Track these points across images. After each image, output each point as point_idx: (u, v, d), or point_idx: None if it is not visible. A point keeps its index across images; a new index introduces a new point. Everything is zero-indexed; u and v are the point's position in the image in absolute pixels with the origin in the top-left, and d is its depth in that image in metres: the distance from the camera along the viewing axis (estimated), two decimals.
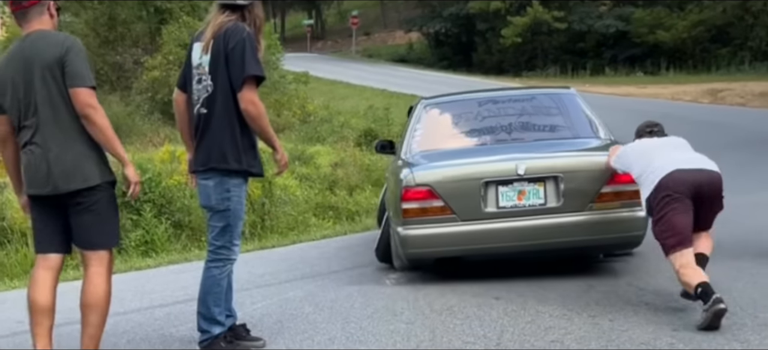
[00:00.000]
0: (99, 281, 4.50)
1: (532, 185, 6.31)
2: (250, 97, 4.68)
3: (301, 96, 22.88)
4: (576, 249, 6.60)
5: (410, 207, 6.39)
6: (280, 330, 5.41)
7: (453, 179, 6.44)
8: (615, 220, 6.23)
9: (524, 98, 7.82)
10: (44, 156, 4.37)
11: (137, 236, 9.51)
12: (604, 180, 6.24)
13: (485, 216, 6.33)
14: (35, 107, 4.36)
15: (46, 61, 4.34)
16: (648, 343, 4.65)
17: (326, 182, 13.51)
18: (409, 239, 6.43)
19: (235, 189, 4.82)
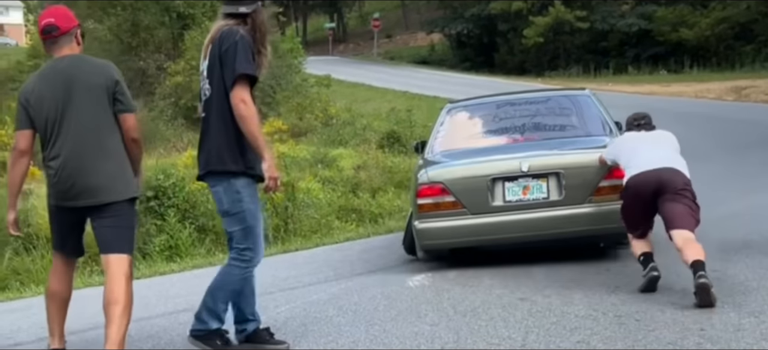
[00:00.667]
0: (120, 282, 4.68)
1: (535, 181, 6.91)
2: (241, 95, 4.66)
3: (324, 99, 22.90)
4: (577, 238, 7.11)
5: (425, 202, 7.07)
6: (304, 333, 5.41)
7: (463, 176, 7.09)
8: (613, 211, 6.59)
9: (540, 100, 8.48)
10: (78, 171, 4.64)
11: (161, 242, 9.55)
12: (602, 175, 6.80)
13: (493, 210, 6.94)
14: (70, 124, 4.65)
15: (90, 84, 4.68)
16: (675, 343, 4.60)
17: (349, 184, 13.50)
18: (424, 232, 7.11)
19: (244, 190, 4.79)
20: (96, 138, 4.67)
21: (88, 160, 4.64)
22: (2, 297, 7.75)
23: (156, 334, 5.65)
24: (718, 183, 12.21)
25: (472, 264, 7.20)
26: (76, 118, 4.66)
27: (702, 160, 15.33)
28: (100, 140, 4.68)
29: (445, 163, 7.43)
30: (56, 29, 4.80)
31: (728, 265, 6.54)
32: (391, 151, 16.70)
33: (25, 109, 4.76)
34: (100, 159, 4.66)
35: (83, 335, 5.71)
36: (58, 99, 4.66)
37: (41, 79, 4.80)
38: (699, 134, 19.01)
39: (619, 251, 7.39)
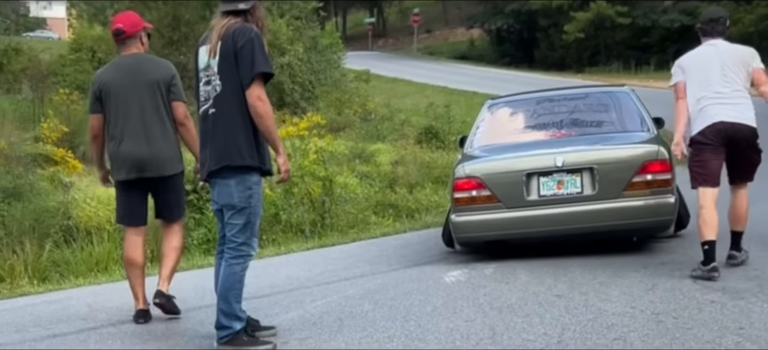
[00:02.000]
0: (177, 237, 6.00)
1: (569, 176, 7.02)
2: (258, 93, 4.80)
3: (362, 94, 22.95)
4: (610, 233, 7.17)
5: (461, 196, 7.23)
6: (340, 327, 5.42)
7: (499, 171, 7.24)
8: (645, 206, 6.87)
9: (579, 97, 8.52)
10: (141, 149, 5.70)
11: (200, 235, 9.62)
12: (635, 170, 6.91)
13: (528, 204, 7.07)
14: (133, 110, 5.69)
15: (154, 78, 5.74)
16: (713, 342, 4.55)
17: (386, 180, 13.48)
18: (460, 225, 7.28)
19: (255, 187, 4.94)
20: (157, 122, 5.71)
21: (150, 139, 5.69)
22: (42, 288, 7.86)
23: (192, 328, 5.70)
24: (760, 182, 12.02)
25: (509, 260, 7.17)
26: (138, 104, 5.69)
27: None
28: (160, 123, 5.72)
29: (482, 158, 7.56)
30: (123, 33, 5.83)
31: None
32: (429, 146, 16.66)
33: (97, 97, 5.82)
34: (161, 140, 5.71)
35: None
36: (124, 89, 5.71)
37: (110, 72, 5.86)
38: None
39: (655, 247, 7.33)
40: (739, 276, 6.10)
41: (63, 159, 11.99)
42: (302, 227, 10.41)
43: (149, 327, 5.81)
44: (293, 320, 5.74)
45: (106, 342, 5.43)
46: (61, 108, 14.65)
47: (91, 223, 9.33)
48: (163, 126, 5.76)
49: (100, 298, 7.00)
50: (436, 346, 4.84)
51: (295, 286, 6.99)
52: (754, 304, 5.28)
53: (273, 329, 5.35)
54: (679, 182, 7.20)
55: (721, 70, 6.42)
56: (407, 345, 4.90)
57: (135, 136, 5.71)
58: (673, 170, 7.04)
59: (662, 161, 6.95)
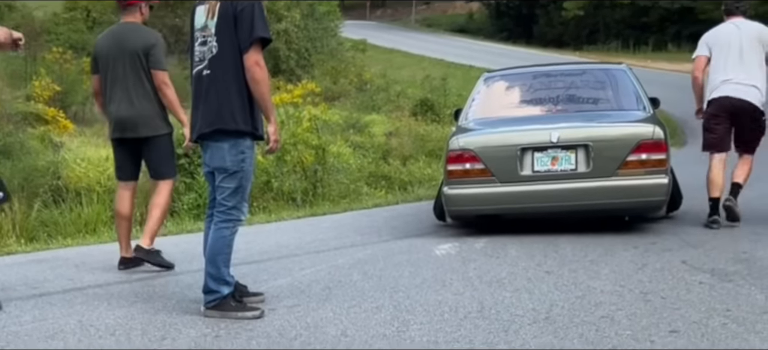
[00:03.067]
0: (164, 195, 6.29)
1: (564, 152, 6.97)
2: (256, 58, 4.77)
3: (358, 64, 22.84)
4: (602, 212, 7.16)
5: (454, 169, 7.20)
6: (328, 296, 5.40)
7: (493, 144, 7.23)
8: (639, 186, 6.87)
9: (575, 73, 8.51)
10: (129, 111, 6.10)
11: (190, 200, 9.58)
12: (630, 149, 6.88)
13: (521, 179, 7.05)
14: (122, 76, 6.11)
15: (136, 47, 6.12)
16: (700, 322, 4.54)
17: (380, 151, 13.47)
18: (453, 198, 7.24)
19: (248, 151, 4.91)
20: (140, 87, 6.10)
21: (136, 102, 6.09)
22: (30, 248, 7.82)
23: (180, 292, 5.68)
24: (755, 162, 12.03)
25: (500, 235, 7.16)
26: (122, 70, 6.11)
27: None
28: (139, 88, 6.09)
29: (477, 131, 7.54)
30: (124, 1, 6.28)
31: (757, 246, 6.46)
32: (424, 119, 16.62)
33: (95, 59, 6.32)
34: (140, 103, 6.10)
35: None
36: (111, 55, 6.15)
37: (104, 39, 6.35)
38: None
39: (646, 227, 7.32)
40: (728, 258, 6.10)
41: (54, 119, 11.94)
42: (294, 195, 10.38)
43: (136, 289, 5.80)
44: (282, 287, 5.72)
45: (92, 302, 5.41)
46: (53, 67, 14.55)
47: (80, 184, 9.29)
48: (145, 91, 6.13)
49: (88, 259, 6.97)
50: (425, 318, 4.83)
51: (284, 254, 6.97)
52: (741, 286, 5.28)
53: (261, 295, 5.34)
54: (673, 163, 7.19)
55: (739, 53, 7.32)
56: (395, 316, 4.89)
57: (119, 99, 6.15)
58: (667, 151, 7.03)
59: (657, 141, 6.94)
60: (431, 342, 4.39)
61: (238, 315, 4.87)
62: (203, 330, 4.73)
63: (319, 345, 4.39)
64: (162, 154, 6.28)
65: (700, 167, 7.75)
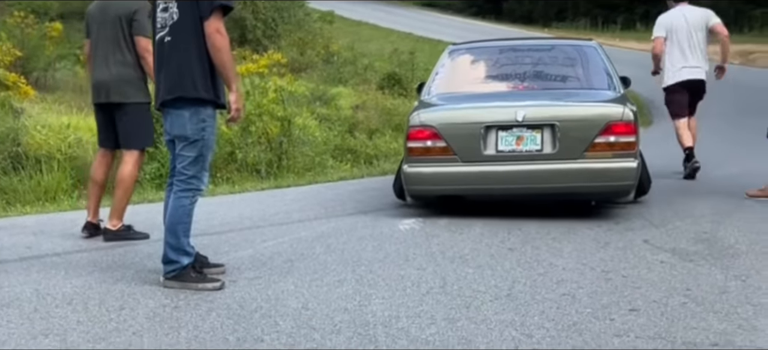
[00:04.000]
0: (128, 167, 6.18)
1: (530, 132, 6.70)
2: (217, 25, 4.72)
3: (326, 35, 22.66)
4: (568, 195, 6.95)
5: (415, 146, 6.91)
6: (290, 269, 5.37)
7: (455, 121, 6.93)
8: (607, 169, 6.62)
9: (544, 48, 8.29)
10: (104, 75, 6.15)
11: (152, 169, 9.47)
12: (598, 130, 6.61)
13: (484, 159, 6.77)
14: (104, 41, 6.16)
15: (119, 13, 6.13)
16: (660, 301, 4.57)
17: (346, 124, 13.39)
18: (413, 176, 6.96)
19: (209, 120, 4.87)
20: (120, 53, 6.11)
21: (113, 69, 6.11)
22: None
23: (139, 261, 5.62)
24: (717, 146, 12.15)
25: (464, 212, 7.15)
26: (105, 36, 6.16)
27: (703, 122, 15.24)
28: (118, 55, 6.10)
29: (439, 106, 7.26)
30: None
31: (719, 227, 6.52)
32: (391, 93, 16.55)
33: (87, 24, 6.39)
34: (117, 69, 6.11)
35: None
36: (97, 21, 6.23)
37: (94, 6, 6.38)
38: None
39: (610, 206, 7.35)
40: (690, 238, 6.15)
41: (15, 84, 11.72)
42: (258, 167, 10.31)
43: (95, 258, 5.73)
44: (243, 259, 5.68)
45: (49, 271, 5.33)
46: (14, 31, 14.26)
47: (41, 151, 9.14)
48: (123, 57, 6.12)
49: (47, 227, 6.88)
50: (387, 293, 4.81)
51: (247, 225, 6.92)
52: (702, 266, 5.32)
53: (222, 266, 5.29)
54: (642, 146, 7.13)
55: (687, 38, 9.43)
56: (357, 290, 4.87)
57: (99, 63, 6.22)
58: (637, 133, 6.80)
59: (627, 123, 6.68)
60: (393, 316, 4.37)
61: (198, 286, 4.83)
62: (162, 300, 4.67)
63: (280, 317, 4.36)
64: (132, 123, 6.19)
65: (666, 146, 7.80)
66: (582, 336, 4.04)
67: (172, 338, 4.08)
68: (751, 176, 8.57)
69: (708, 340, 3.96)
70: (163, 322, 4.32)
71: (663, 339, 3.98)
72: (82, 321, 4.35)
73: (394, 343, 3.98)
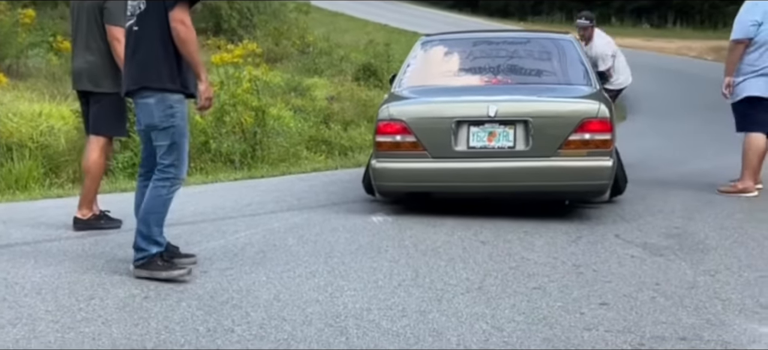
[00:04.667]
0: (94, 155, 6.16)
1: (502, 128, 6.49)
2: (181, 17, 4.69)
3: (301, 26, 22.53)
4: (541, 194, 6.76)
5: (383, 140, 6.68)
6: (262, 259, 5.36)
7: (426, 115, 6.70)
8: (581, 168, 6.42)
9: (519, 41, 7.97)
10: (77, 63, 6.22)
11: (125, 159, 9.41)
12: (572, 128, 6.40)
13: (455, 155, 6.54)
14: (79, 29, 6.20)
15: (93, 2, 6.12)
16: (630, 295, 4.61)
17: (321, 115, 13.35)
18: (381, 172, 6.72)
19: (177, 105, 4.82)
20: (89, 41, 6.11)
21: (88, 57, 6.10)
22: None
23: (110, 251, 5.58)
24: (689, 141, 12.25)
25: (437, 205, 7.14)
26: (80, 25, 6.18)
27: (676, 117, 15.39)
28: (92, 43, 6.10)
29: (410, 100, 7.07)
30: None
31: (690, 223, 6.57)
32: (367, 84, 16.51)
33: (71, 12, 6.44)
34: (90, 57, 6.10)
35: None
36: (76, 11, 6.27)
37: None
38: (676, 91, 19.06)
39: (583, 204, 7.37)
40: (661, 233, 6.19)
41: None
42: (232, 157, 10.26)
43: (65, 247, 5.69)
44: (215, 249, 5.65)
45: (18, 260, 5.29)
46: None
47: (12, 139, 9.05)
48: (96, 45, 6.10)
49: (17, 215, 6.82)
50: (359, 285, 4.82)
51: (219, 216, 6.89)
52: (672, 261, 5.37)
53: (193, 257, 5.27)
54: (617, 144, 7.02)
55: None
56: (330, 282, 4.87)
57: (75, 52, 6.28)
58: (613, 131, 6.56)
59: (602, 120, 6.44)
60: (364, 308, 4.38)
61: (164, 275, 4.81)
62: (132, 290, 4.65)
63: (251, 308, 4.35)
64: (102, 112, 6.16)
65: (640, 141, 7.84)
66: (552, 330, 4.07)
67: (142, 328, 4.06)
68: (722, 171, 8.65)
69: (677, 334, 4.00)
70: (133, 312, 4.30)
71: (632, 333, 4.01)
72: (51, 310, 4.32)
73: (365, 335, 3.99)
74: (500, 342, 3.90)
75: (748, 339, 3.97)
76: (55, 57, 13.85)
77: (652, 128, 13.71)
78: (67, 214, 6.38)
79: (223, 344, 3.87)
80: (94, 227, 6.16)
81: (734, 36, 7.84)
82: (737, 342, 3.93)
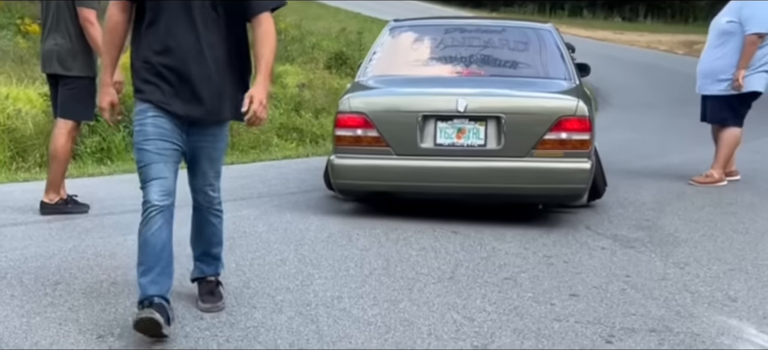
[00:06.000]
0: (61, 139, 6.05)
1: (472, 124, 6.02)
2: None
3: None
4: (513, 197, 6.27)
5: (343, 134, 6.19)
6: (232, 246, 5.31)
7: (390, 108, 6.22)
8: (557, 170, 5.94)
9: (494, 30, 7.42)
10: (45, 45, 6.11)
11: (93, 143, 9.28)
12: (548, 126, 5.92)
13: (420, 152, 6.06)
14: (49, 10, 6.11)
15: None
16: (600, 286, 4.62)
17: (292, 102, 13.27)
18: (340, 169, 6.23)
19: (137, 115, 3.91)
20: (65, 25, 5.99)
21: (59, 40, 6.00)
22: None
23: (77, 235, 5.52)
24: (659, 135, 12.32)
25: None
26: (53, 6, 6.07)
27: (646, 111, 15.46)
28: (68, 26, 5.98)
29: (373, 90, 6.59)
30: None
31: (660, 215, 6.60)
32: (339, 72, 16.45)
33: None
34: (59, 40, 6.01)
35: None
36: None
37: None
38: (646, 85, 19.15)
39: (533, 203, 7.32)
40: (631, 225, 6.21)
41: None
42: None
43: (31, 232, 5.63)
44: (183, 236, 5.56)
45: None
46: None
47: None
48: (66, 28, 6.01)
49: None
50: (329, 273, 4.80)
51: (189, 202, 6.79)
52: (642, 253, 5.39)
53: None
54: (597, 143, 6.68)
55: None
56: (300, 270, 4.84)
57: (46, 34, 6.17)
58: (592, 130, 6.06)
59: (581, 118, 5.96)
60: (335, 296, 4.36)
61: None
62: (99, 276, 4.61)
63: None
64: (71, 95, 6.07)
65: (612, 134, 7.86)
66: (523, 320, 4.07)
67: (109, 314, 4.02)
68: (692, 164, 8.70)
69: (646, 326, 4.01)
70: (100, 298, 4.26)
71: (602, 325, 4.02)
72: (17, 295, 4.26)
73: (335, 323, 3.97)
74: (471, 332, 3.89)
75: (716, 330, 4.00)
76: (23, 40, 13.66)
77: (623, 121, 13.76)
78: (34, 198, 6.30)
79: (192, 331, 3.84)
80: (61, 212, 6.08)
81: (760, 29, 7.71)
82: (706, 333, 3.95)
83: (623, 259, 5.24)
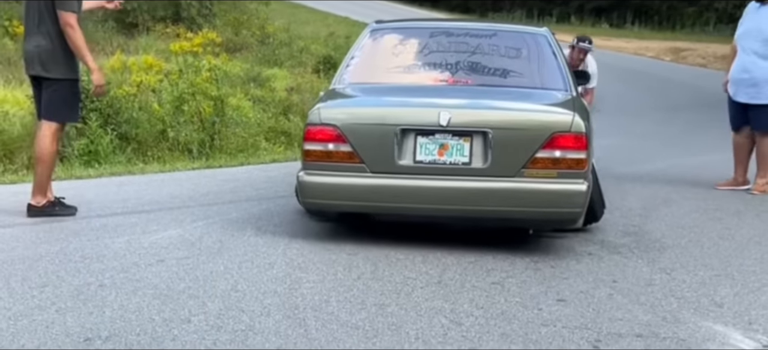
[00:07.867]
0: (46, 141, 6.05)
1: (456, 140, 5.42)
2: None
3: (262, 16, 22.40)
4: (500, 221, 5.66)
5: (312, 148, 5.56)
6: (220, 249, 5.32)
7: (365, 121, 5.58)
8: (549, 192, 5.33)
9: (484, 34, 6.66)
10: (32, 49, 6.09)
11: (81, 146, 9.26)
12: (540, 143, 5.32)
13: (398, 170, 5.45)
14: (30, 13, 6.12)
15: None
16: (587, 292, 4.64)
17: (280, 106, 13.28)
18: (309, 187, 5.61)
19: None
20: (40, 27, 6.03)
21: (42, 43, 6.02)
22: None
23: (65, 238, 5.50)
24: (646, 140, 12.38)
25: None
26: (34, 7, 6.08)
27: (634, 116, 15.54)
28: (43, 28, 6.01)
29: (348, 100, 6.07)
30: None
31: (647, 221, 6.63)
32: (327, 76, 16.45)
33: None
34: (41, 43, 6.02)
35: None
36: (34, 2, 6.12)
37: None
38: (633, 91, 19.24)
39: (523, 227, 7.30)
40: (618, 231, 6.24)
41: None
42: (190, 146, 10.17)
43: (18, 234, 5.63)
44: (172, 238, 5.60)
45: None
46: None
47: None
48: (47, 30, 6.02)
49: None
50: (317, 277, 4.80)
51: (177, 205, 6.81)
52: (629, 259, 5.42)
53: None
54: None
55: None
56: (288, 274, 4.85)
57: (27, 36, 6.21)
58: (589, 148, 5.43)
59: (577, 135, 5.33)
60: (323, 300, 4.36)
61: None
62: (87, 279, 4.60)
63: (209, 299, 4.32)
64: (54, 97, 6.06)
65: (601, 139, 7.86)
66: (510, 325, 4.08)
67: (97, 317, 4.01)
68: (678, 169, 8.75)
69: (633, 331, 4.04)
70: (88, 301, 4.24)
71: (589, 330, 4.04)
72: (4, 297, 4.25)
73: (323, 327, 3.97)
74: (458, 336, 3.90)
75: (702, 336, 4.02)
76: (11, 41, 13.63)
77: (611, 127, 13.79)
78: (21, 201, 6.28)
79: (180, 334, 3.83)
80: (48, 214, 6.06)
81: None
82: (692, 339, 3.97)
83: (610, 264, 5.26)
